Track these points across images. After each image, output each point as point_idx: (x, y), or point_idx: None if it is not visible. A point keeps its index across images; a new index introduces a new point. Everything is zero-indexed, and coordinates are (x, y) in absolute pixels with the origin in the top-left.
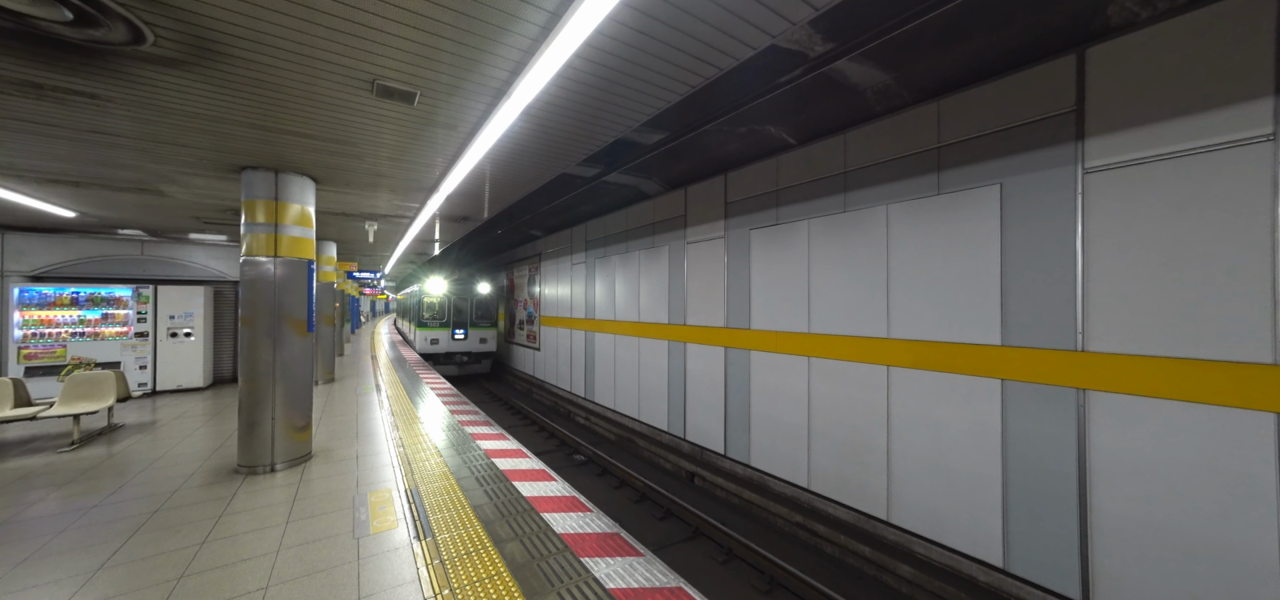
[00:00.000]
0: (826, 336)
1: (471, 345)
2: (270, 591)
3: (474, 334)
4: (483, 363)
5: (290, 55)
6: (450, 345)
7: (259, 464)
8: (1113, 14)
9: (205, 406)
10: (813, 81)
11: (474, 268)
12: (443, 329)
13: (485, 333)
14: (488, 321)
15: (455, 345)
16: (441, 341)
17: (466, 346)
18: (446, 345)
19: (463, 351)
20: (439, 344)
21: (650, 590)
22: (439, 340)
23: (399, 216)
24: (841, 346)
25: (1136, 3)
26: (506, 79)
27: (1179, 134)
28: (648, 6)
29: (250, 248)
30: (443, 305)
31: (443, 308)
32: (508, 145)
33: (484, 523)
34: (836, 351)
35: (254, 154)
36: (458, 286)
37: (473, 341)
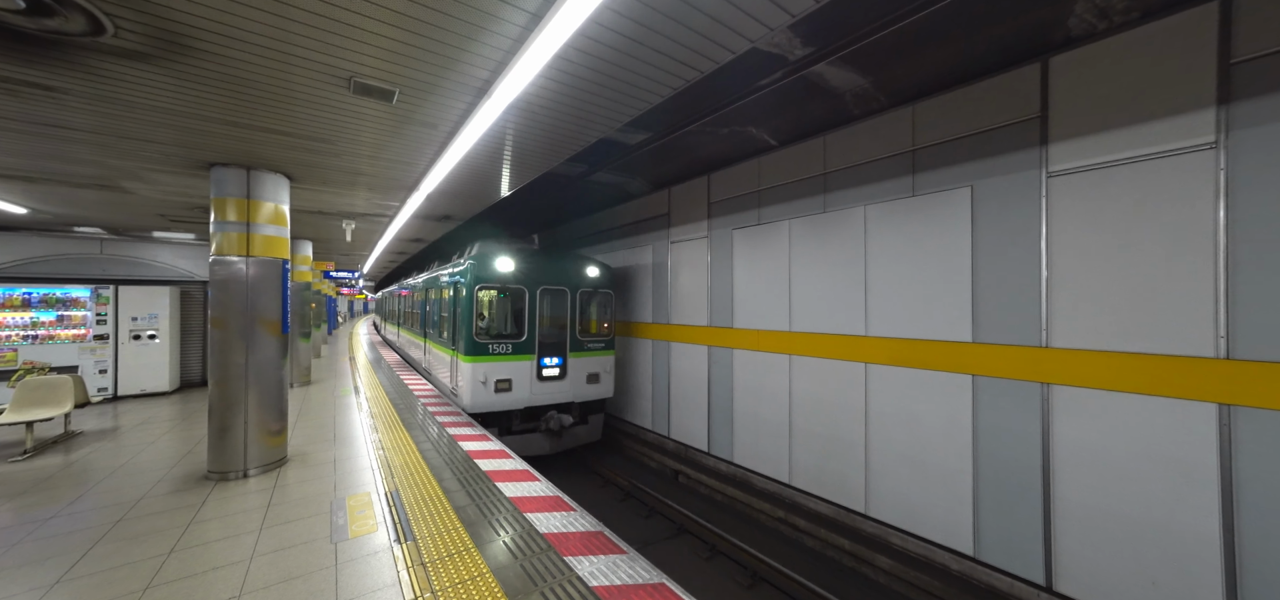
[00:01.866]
0: (807, 334)
1: (575, 386)
2: (243, 599)
3: (579, 364)
4: (592, 422)
5: (262, 50)
6: (535, 390)
7: (231, 469)
8: (1073, 25)
9: (172, 411)
10: (793, 84)
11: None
12: (517, 357)
13: (599, 359)
14: (602, 340)
15: (545, 389)
16: (519, 384)
17: (567, 389)
18: (527, 390)
19: (558, 404)
20: (513, 388)
21: (634, 587)
22: (513, 380)
23: (378, 215)
24: (821, 344)
25: (1094, 15)
26: (488, 78)
27: (1132, 141)
28: (628, 10)
29: (221, 247)
30: (515, 303)
31: (516, 311)
32: (490, 144)
33: (467, 524)
34: (816, 349)
35: (224, 150)
36: (547, 263)
37: (576, 380)
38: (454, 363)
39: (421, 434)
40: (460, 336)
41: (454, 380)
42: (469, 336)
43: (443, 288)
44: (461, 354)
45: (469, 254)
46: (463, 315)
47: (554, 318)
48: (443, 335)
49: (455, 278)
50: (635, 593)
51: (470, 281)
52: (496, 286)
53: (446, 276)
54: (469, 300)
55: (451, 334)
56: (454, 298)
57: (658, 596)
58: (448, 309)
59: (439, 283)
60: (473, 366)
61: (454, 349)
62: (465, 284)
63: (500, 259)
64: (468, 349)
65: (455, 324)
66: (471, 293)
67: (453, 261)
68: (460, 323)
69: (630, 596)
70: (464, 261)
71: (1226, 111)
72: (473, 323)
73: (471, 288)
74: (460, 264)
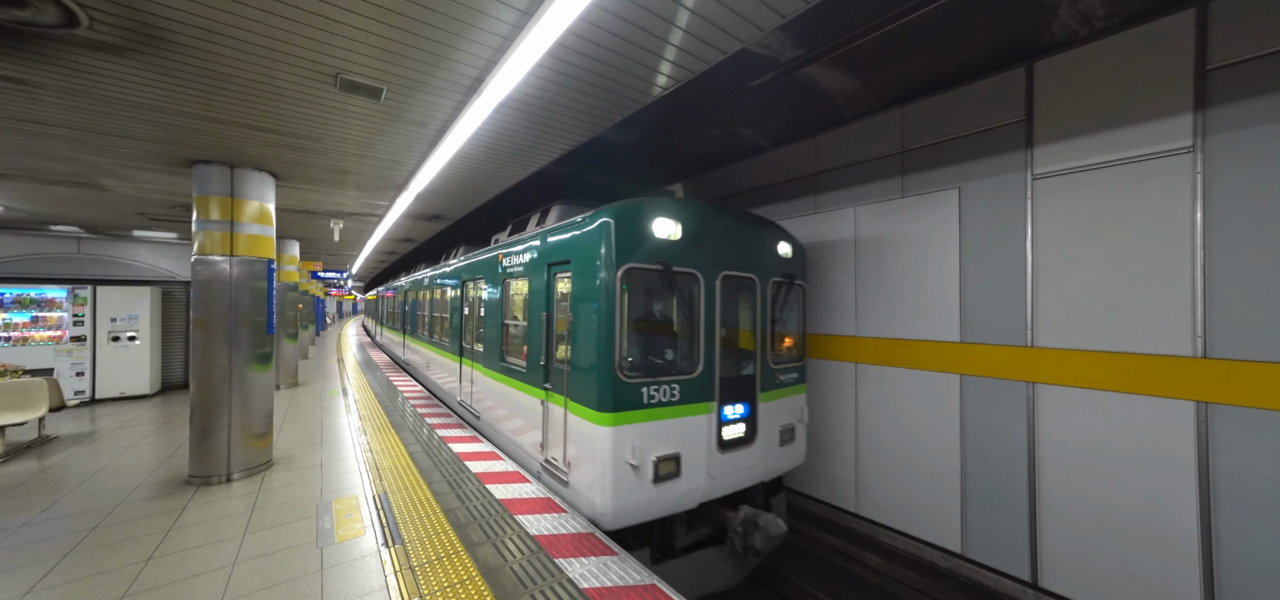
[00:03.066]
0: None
1: (766, 454)
2: None
3: (771, 413)
4: (775, 507)
5: (244, 45)
6: (715, 468)
7: (213, 474)
8: (1056, 30)
9: (152, 415)
10: (785, 86)
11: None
12: (686, 409)
13: (792, 401)
14: (795, 366)
15: (729, 465)
16: (691, 460)
17: (757, 460)
18: (702, 470)
19: (745, 490)
20: (682, 471)
21: (624, 588)
22: (683, 455)
23: (367, 214)
24: (814, 345)
25: (1076, 20)
26: (478, 75)
27: (1114, 144)
28: (619, 8)
29: (203, 246)
30: (684, 305)
31: (686, 320)
32: (480, 143)
33: (456, 527)
34: (810, 350)
35: (207, 148)
36: (729, 231)
37: (767, 441)
38: (553, 417)
39: (411, 436)
40: (587, 373)
41: (555, 449)
42: (608, 373)
43: (511, 272)
44: (588, 409)
45: (584, 218)
46: (592, 330)
47: (734, 330)
48: (512, 362)
49: (563, 250)
50: (625, 594)
51: (605, 259)
52: (650, 270)
53: (524, 253)
54: (605, 299)
55: (540, 361)
56: (549, 292)
57: (648, 596)
58: (531, 316)
59: (503, 268)
60: (615, 433)
61: (556, 393)
62: (593, 265)
63: (659, 219)
64: (605, 397)
65: (546, 344)
66: (611, 284)
67: (534, 225)
68: (586, 344)
69: (620, 598)
70: (583, 224)
71: (1203, 116)
72: (614, 345)
73: (610, 272)
74: (568, 228)
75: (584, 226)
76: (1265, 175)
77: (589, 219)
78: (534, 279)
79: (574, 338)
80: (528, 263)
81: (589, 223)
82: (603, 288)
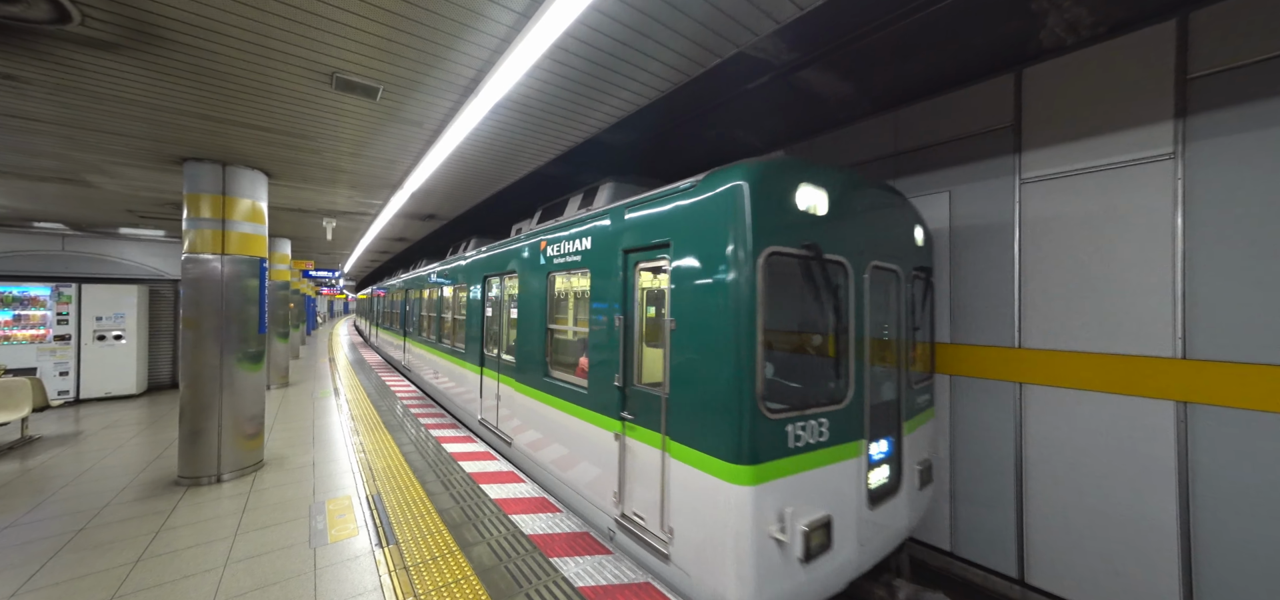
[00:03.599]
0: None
1: (912, 501)
2: None
3: (911, 448)
4: (903, 557)
5: (240, 43)
6: (865, 532)
7: (203, 474)
8: (1044, 37)
9: (139, 415)
10: (779, 90)
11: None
12: (834, 454)
13: (926, 430)
14: (925, 385)
15: (877, 523)
16: (842, 528)
17: (902, 512)
18: (853, 539)
19: (897, 542)
20: (835, 542)
21: (619, 587)
22: (835, 520)
23: (360, 213)
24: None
25: (1063, 28)
26: (475, 76)
27: (1099, 150)
28: (616, 12)
29: (194, 244)
30: (832, 306)
31: (835, 325)
32: (478, 142)
33: (450, 527)
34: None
35: (198, 145)
36: (871, 206)
37: (910, 487)
38: (639, 461)
39: (404, 436)
40: (707, 405)
41: (641, 505)
42: (745, 406)
43: (561, 264)
44: (709, 456)
45: (694, 183)
46: (716, 342)
47: (878, 340)
48: (563, 380)
49: (655, 228)
50: (620, 592)
51: (738, 238)
52: (795, 257)
53: (583, 238)
54: (738, 297)
55: (614, 381)
56: (627, 289)
57: (643, 595)
58: (598, 321)
59: (547, 259)
60: (757, 496)
61: (642, 428)
62: (715, 247)
63: (805, 186)
64: (739, 441)
65: (624, 358)
66: (748, 276)
67: (577, 209)
68: (704, 362)
69: (615, 596)
70: (696, 190)
71: (1184, 124)
72: (755, 365)
73: (746, 257)
74: (664, 199)
75: (697, 193)
76: (1240, 182)
77: (706, 183)
78: (602, 271)
79: (679, 351)
80: (589, 251)
81: (706, 188)
82: (734, 280)
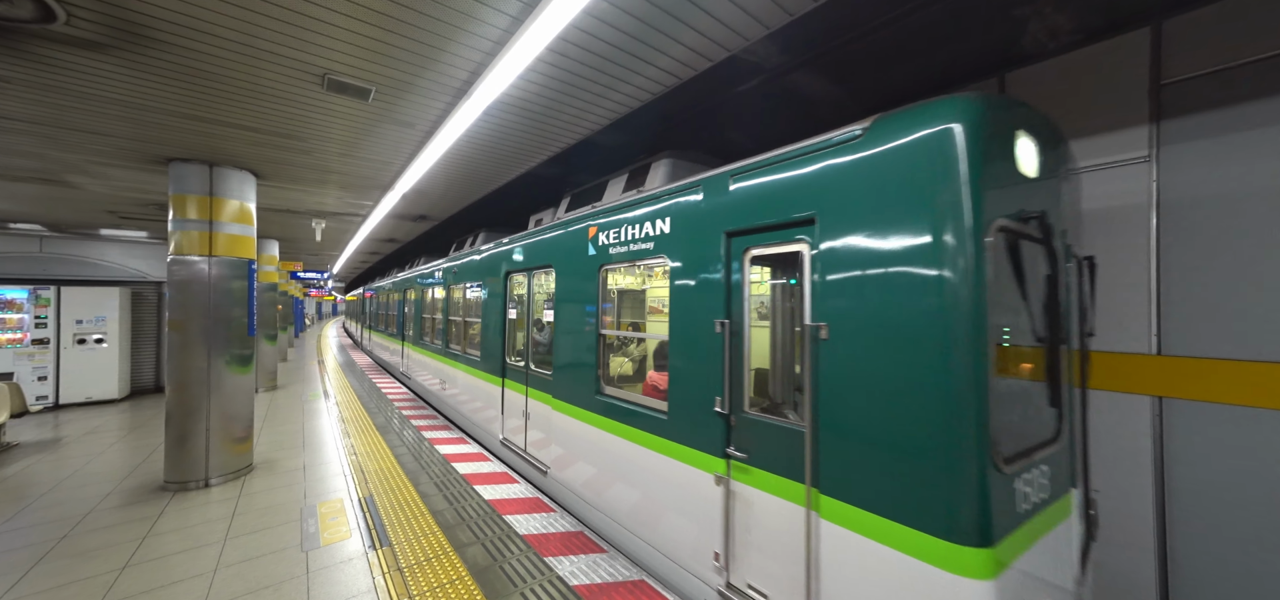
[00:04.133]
0: None
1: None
2: None
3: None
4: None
5: (231, 44)
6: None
7: (191, 479)
8: (1027, 43)
9: (121, 420)
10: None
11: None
12: (1052, 513)
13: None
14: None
15: (1088, 583)
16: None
17: (1087, 564)
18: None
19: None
20: None
21: (614, 585)
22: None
23: (351, 214)
24: None
25: (1045, 34)
26: (468, 79)
27: (1078, 152)
28: (609, 16)
29: (180, 246)
30: (1044, 303)
31: (1045, 335)
32: (469, 144)
33: (444, 528)
34: None
35: (185, 145)
36: (1064, 179)
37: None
38: (764, 518)
39: (396, 439)
40: (906, 458)
41: (765, 576)
42: (973, 460)
43: (623, 253)
44: (915, 531)
45: (870, 128)
46: (921, 366)
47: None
48: (622, 400)
49: (787, 198)
50: (615, 590)
51: (949, 205)
52: (1021, 234)
53: (659, 219)
54: (955, 293)
55: (715, 407)
56: (733, 286)
57: (638, 592)
58: (684, 328)
59: (598, 249)
60: (1000, 593)
61: (767, 473)
62: (912, 216)
63: (1025, 138)
64: (966, 511)
65: (728, 379)
66: (972, 258)
67: (618, 193)
68: (906, 390)
69: (611, 594)
70: (873, 139)
71: (1157, 128)
72: (986, 393)
73: (972, 239)
74: (811, 156)
75: (871, 143)
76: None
77: (884, 127)
78: (689, 260)
79: (835, 369)
80: (667, 236)
81: (887, 134)
82: (947, 268)
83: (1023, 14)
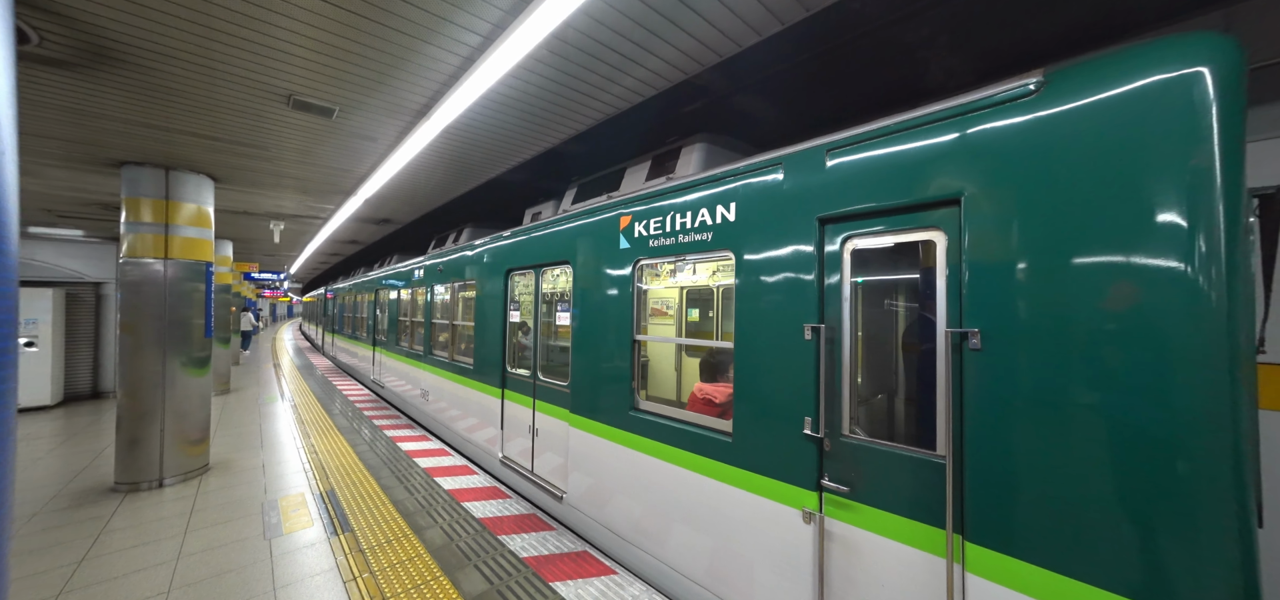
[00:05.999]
0: None
1: None
2: (174, 594)
3: None
4: None
5: (197, 66)
6: None
7: (144, 480)
8: (928, 82)
9: (56, 427)
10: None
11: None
12: None
13: None
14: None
15: None
16: None
17: None
18: None
19: None
20: None
21: (559, 555)
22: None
23: (311, 217)
24: None
25: (943, 74)
26: (427, 103)
27: None
28: (566, 51)
29: (133, 248)
30: None
31: None
32: (431, 158)
33: (405, 514)
34: None
35: (140, 150)
36: None
37: None
38: (906, 577)
39: (357, 437)
40: (1147, 499)
41: None
42: (1242, 506)
43: (713, 233)
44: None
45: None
46: (1163, 381)
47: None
48: (697, 429)
49: (985, 157)
50: (560, 560)
51: (1209, 178)
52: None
53: (747, 190)
54: (1226, 285)
55: (806, 433)
56: (823, 283)
57: (580, 561)
58: (779, 333)
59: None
60: None
61: (901, 519)
62: (1158, 195)
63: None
64: (1232, 578)
65: (817, 401)
66: (1232, 243)
67: (695, 165)
68: (1134, 419)
69: (556, 563)
70: (1075, 83)
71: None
72: (1242, 431)
73: (1233, 213)
74: (980, 110)
75: (1068, 96)
76: None
77: (1078, 74)
78: (765, 257)
79: (995, 387)
80: (731, 225)
81: (1087, 85)
82: (1202, 260)
83: (923, 57)
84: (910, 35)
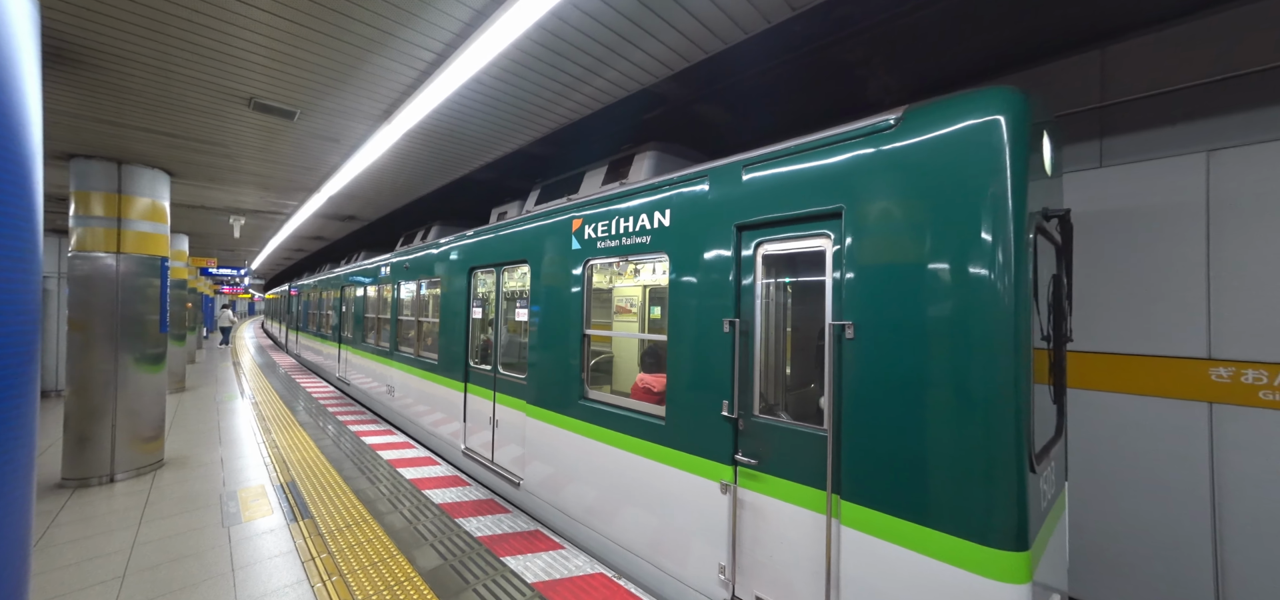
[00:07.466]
0: None
1: None
2: (129, 578)
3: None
4: None
5: (158, 70)
6: None
7: (93, 475)
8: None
9: None
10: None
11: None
12: None
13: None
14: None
15: None
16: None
17: None
18: None
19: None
20: None
21: (513, 535)
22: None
23: (273, 213)
24: None
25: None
26: (389, 108)
27: None
28: (526, 62)
29: (83, 242)
30: None
31: None
32: (395, 158)
33: (365, 502)
34: None
35: (90, 143)
36: None
37: None
38: (799, 534)
39: (321, 433)
40: (950, 459)
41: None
42: (1015, 464)
43: (652, 237)
44: (960, 540)
45: None
46: (955, 365)
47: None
48: (634, 414)
49: (857, 179)
50: (513, 538)
51: (1002, 208)
52: (1045, 235)
53: (679, 199)
54: (1007, 291)
55: (723, 415)
56: (739, 282)
57: (532, 539)
58: (701, 327)
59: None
60: (1033, 597)
61: (794, 484)
62: (961, 219)
63: (1046, 133)
64: (1003, 522)
65: (733, 385)
66: (1017, 258)
67: (646, 171)
68: (942, 394)
69: (509, 541)
70: (916, 124)
71: (1101, 144)
72: (1027, 398)
73: (1017, 236)
74: (855, 139)
75: (907, 134)
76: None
77: (919, 118)
78: (691, 255)
79: (864, 371)
80: (666, 230)
81: (924, 125)
82: (986, 267)
83: (862, 74)
84: (848, 55)
